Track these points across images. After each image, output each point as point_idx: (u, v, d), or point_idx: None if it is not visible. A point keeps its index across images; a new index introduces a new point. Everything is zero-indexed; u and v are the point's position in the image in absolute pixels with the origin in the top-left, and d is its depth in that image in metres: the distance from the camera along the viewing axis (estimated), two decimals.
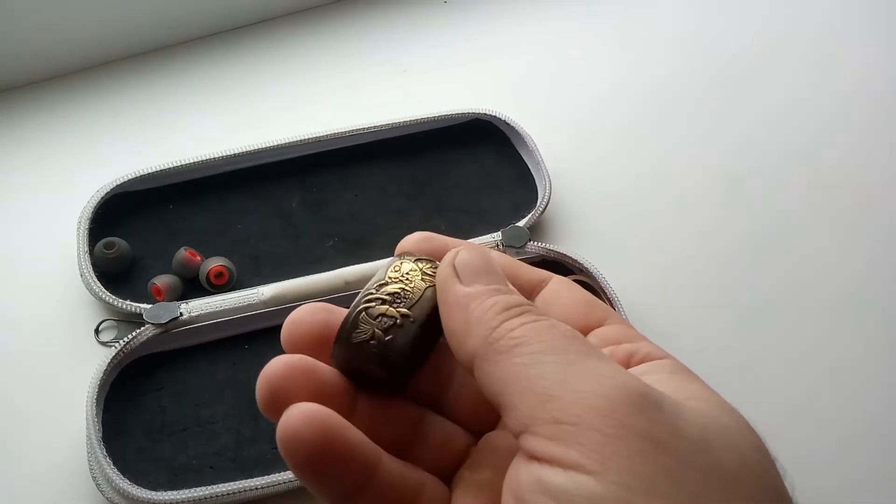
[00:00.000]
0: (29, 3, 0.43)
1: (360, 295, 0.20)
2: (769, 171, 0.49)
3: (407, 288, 0.20)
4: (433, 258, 0.21)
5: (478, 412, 0.21)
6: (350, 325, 0.19)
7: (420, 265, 0.21)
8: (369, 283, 0.20)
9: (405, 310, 0.19)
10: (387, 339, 0.19)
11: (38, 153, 0.44)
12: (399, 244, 0.22)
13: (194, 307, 0.37)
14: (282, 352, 0.38)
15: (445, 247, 0.22)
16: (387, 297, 0.19)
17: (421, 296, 0.20)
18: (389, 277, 0.20)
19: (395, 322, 0.19)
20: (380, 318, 0.19)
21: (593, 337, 0.21)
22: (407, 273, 0.20)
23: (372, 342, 0.19)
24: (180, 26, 0.50)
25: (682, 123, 0.51)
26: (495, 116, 0.46)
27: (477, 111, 0.46)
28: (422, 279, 0.20)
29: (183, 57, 0.50)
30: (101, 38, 0.48)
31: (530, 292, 0.22)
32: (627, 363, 0.20)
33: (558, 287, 0.22)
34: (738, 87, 0.53)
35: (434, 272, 0.20)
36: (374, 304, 0.19)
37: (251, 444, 0.35)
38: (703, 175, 0.48)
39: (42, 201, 0.42)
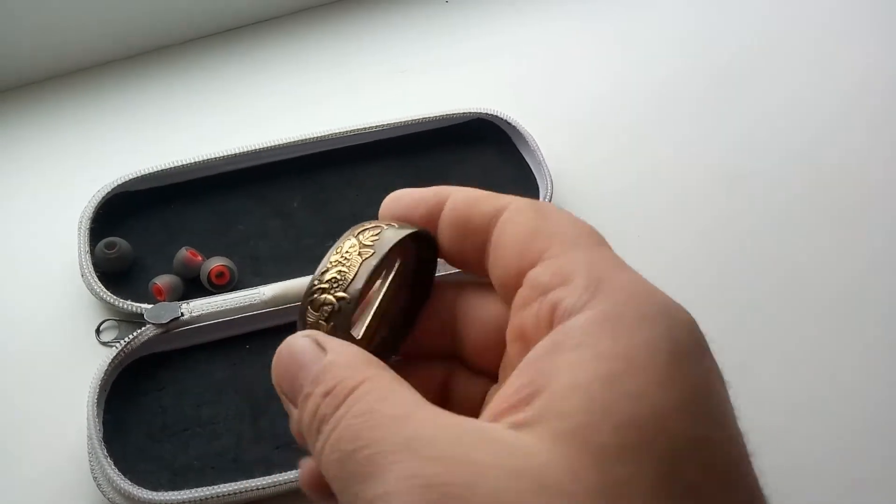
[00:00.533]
0: (29, 3, 0.43)
1: (305, 287, 0.19)
2: (770, 170, 0.49)
3: (344, 268, 0.19)
4: (396, 222, 0.21)
5: (490, 352, 0.20)
6: (299, 321, 0.19)
7: (360, 237, 0.20)
8: (314, 274, 0.20)
9: (341, 293, 0.19)
10: (329, 326, 0.19)
11: (38, 153, 0.44)
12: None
13: (195, 307, 0.37)
14: None
15: (414, 203, 0.21)
16: (325, 286, 0.19)
17: (356, 273, 0.19)
18: (330, 263, 0.19)
19: (334, 308, 0.19)
20: (321, 308, 0.19)
21: (525, 285, 0.18)
22: (346, 252, 0.20)
23: None
24: (181, 26, 0.50)
25: (684, 123, 0.51)
26: (497, 116, 0.46)
27: (478, 111, 0.46)
28: (358, 254, 0.19)
29: (183, 57, 0.50)
30: (101, 38, 0.48)
31: (486, 231, 0.20)
32: (551, 324, 0.17)
33: (504, 223, 0.19)
34: (739, 87, 0.53)
35: (373, 241, 0.19)
36: (316, 294, 0.19)
37: (252, 445, 0.35)
38: (705, 174, 0.48)
39: (43, 201, 0.42)
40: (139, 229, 0.40)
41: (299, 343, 0.18)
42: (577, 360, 0.15)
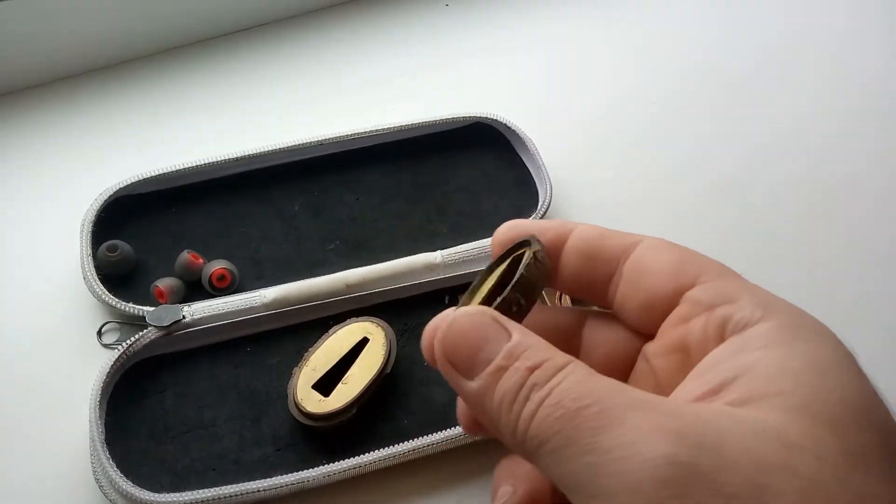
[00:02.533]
0: (30, 7, 0.44)
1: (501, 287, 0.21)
2: (773, 181, 0.49)
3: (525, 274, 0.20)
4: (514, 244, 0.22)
5: (643, 313, 0.21)
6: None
7: (536, 254, 0.21)
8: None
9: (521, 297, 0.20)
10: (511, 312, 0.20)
11: (40, 156, 0.45)
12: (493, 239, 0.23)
13: (197, 310, 0.37)
14: (283, 355, 0.39)
15: (539, 229, 0.22)
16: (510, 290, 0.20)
17: (534, 283, 0.20)
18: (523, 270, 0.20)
19: (519, 304, 0.20)
20: (506, 303, 0.20)
21: (685, 303, 0.20)
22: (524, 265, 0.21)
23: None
24: (181, 30, 0.50)
25: (686, 130, 0.51)
26: (496, 120, 0.46)
27: (478, 115, 0.46)
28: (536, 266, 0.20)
29: (184, 61, 0.50)
30: (102, 42, 0.48)
31: (617, 262, 0.21)
32: (722, 335, 0.18)
33: (644, 253, 0.21)
34: (744, 96, 0.53)
35: (542, 258, 0.21)
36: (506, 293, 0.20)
37: (253, 447, 0.35)
38: (706, 183, 0.48)
39: (45, 204, 0.43)
40: (141, 232, 0.41)
41: (479, 318, 0.18)
42: (775, 356, 0.17)
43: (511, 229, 0.23)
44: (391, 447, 0.34)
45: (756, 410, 0.16)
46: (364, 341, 0.36)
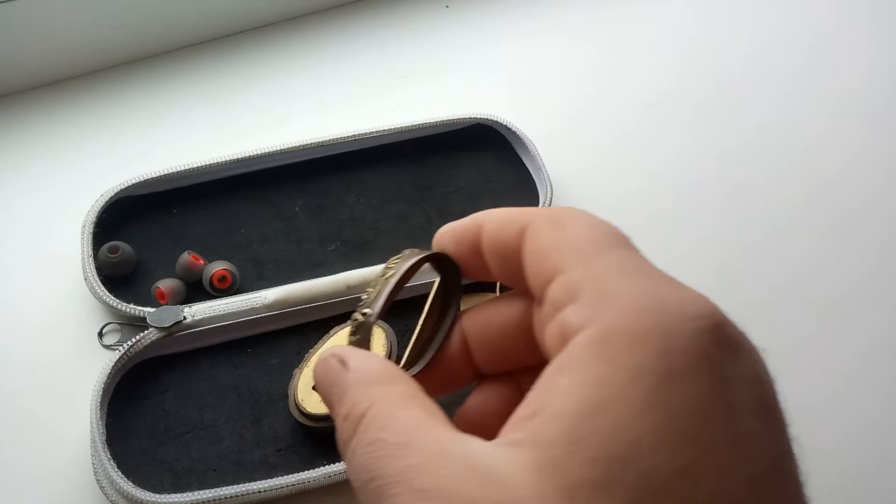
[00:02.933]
0: (32, 8, 0.44)
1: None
2: (769, 178, 0.49)
3: (371, 288, 0.21)
4: (423, 251, 0.22)
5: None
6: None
7: (388, 262, 0.22)
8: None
9: (366, 309, 0.21)
10: (355, 339, 0.21)
11: (41, 158, 0.45)
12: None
13: (197, 311, 0.37)
14: (283, 356, 0.39)
15: (457, 236, 0.22)
16: (359, 306, 0.21)
17: (377, 291, 0.21)
18: (368, 287, 0.22)
19: (358, 322, 0.21)
20: (351, 324, 0.21)
21: (546, 305, 0.18)
22: (378, 276, 0.22)
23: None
24: (182, 31, 0.50)
25: (684, 130, 0.51)
26: (496, 121, 0.46)
27: (478, 116, 0.46)
28: (383, 276, 0.21)
29: (185, 62, 0.50)
30: (102, 43, 0.48)
31: (518, 251, 0.20)
32: (563, 343, 0.16)
33: (527, 238, 0.19)
34: (740, 94, 0.53)
35: (395, 264, 0.21)
36: (352, 314, 0.21)
37: (254, 448, 0.35)
38: (704, 181, 0.48)
39: (46, 205, 0.43)
40: (142, 233, 0.41)
41: (327, 362, 0.19)
42: (568, 386, 0.15)
43: (440, 236, 0.22)
44: None
45: (517, 463, 0.15)
46: None
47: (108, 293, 0.38)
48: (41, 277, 0.40)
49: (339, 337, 0.37)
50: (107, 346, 0.38)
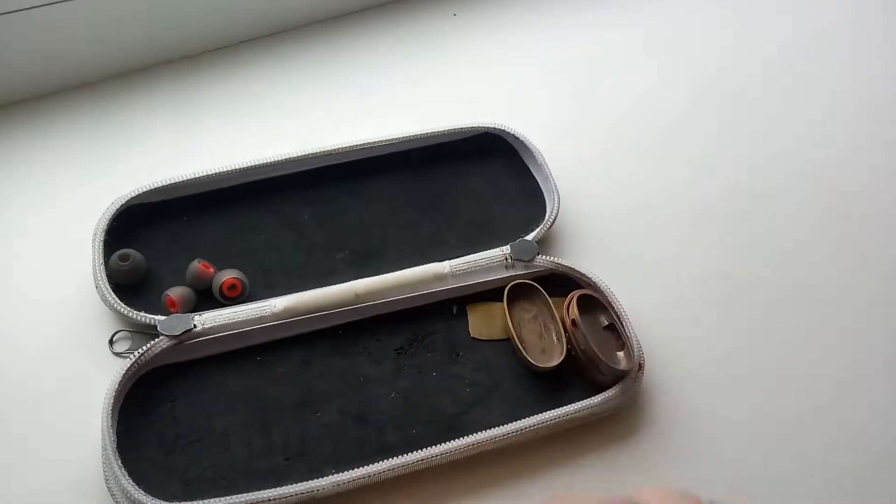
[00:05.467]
0: (44, 17, 0.44)
1: None
2: (779, 188, 0.49)
3: None
4: None
5: None
6: None
7: None
8: None
9: None
10: None
11: (52, 166, 0.45)
12: None
13: (207, 319, 0.37)
14: (292, 364, 0.39)
15: None
16: None
17: None
18: None
19: None
20: None
21: None
22: None
23: None
24: (190, 39, 0.51)
25: (694, 140, 0.51)
26: (504, 130, 0.46)
27: (486, 125, 0.46)
28: None
29: (195, 70, 0.51)
30: (113, 51, 0.49)
31: None
32: None
33: None
34: (754, 106, 0.53)
35: None
36: None
37: (263, 456, 0.35)
38: (712, 191, 0.48)
39: (57, 214, 0.43)
40: (152, 241, 0.41)
41: None
42: None
43: None
44: (401, 457, 0.34)
45: None
46: None
47: (118, 301, 0.38)
48: (52, 285, 0.40)
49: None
50: (117, 354, 0.38)
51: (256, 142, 0.47)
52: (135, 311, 0.38)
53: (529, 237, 0.43)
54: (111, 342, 0.38)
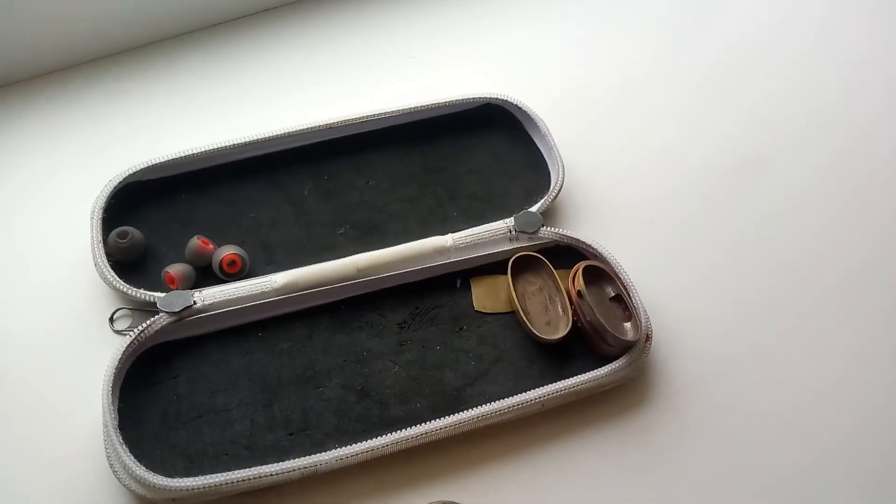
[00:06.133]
0: None
1: None
2: (782, 153, 0.48)
3: None
4: None
5: None
6: None
7: None
8: None
9: None
10: None
11: (50, 145, 0.45)
12: None
13: (207, 295, 0.37)
14: (293, 340, 0.38)
15: None
16: None
17: None
18: None
19: None
20: None
21: None
22: None
23: None
24: (189, 15, 0.50)
25: (697, 106, 0.50)
26: (507, 101, 0.45)
27: (488, 96, 0.45)
28: None
29: (192, 46, 0.50)
30: (110, 29, 0.48)
31: None
32: None
33: None
34: (750, 70, 0.52)
35: None
36: None
37: (266, 432, 0.35)
38: (717, 158, 0.47)
39: (55, 192, 0.43)
40: (151, 218, 0.41)
41: None
42: None
43: None
44: (404, 430, 0.34)
45: None
46: None
47: (117, 278, 0.37)
48: (51, 264, 0.40)
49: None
50: (118, 332, 0.38)
51: (255, 117, 0.46)
52: (134, 289, 0.37)
53: (534, 209, 0.42)
54: (111, 320, 0.38)
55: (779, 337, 0.41)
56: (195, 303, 0.37)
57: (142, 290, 0.37)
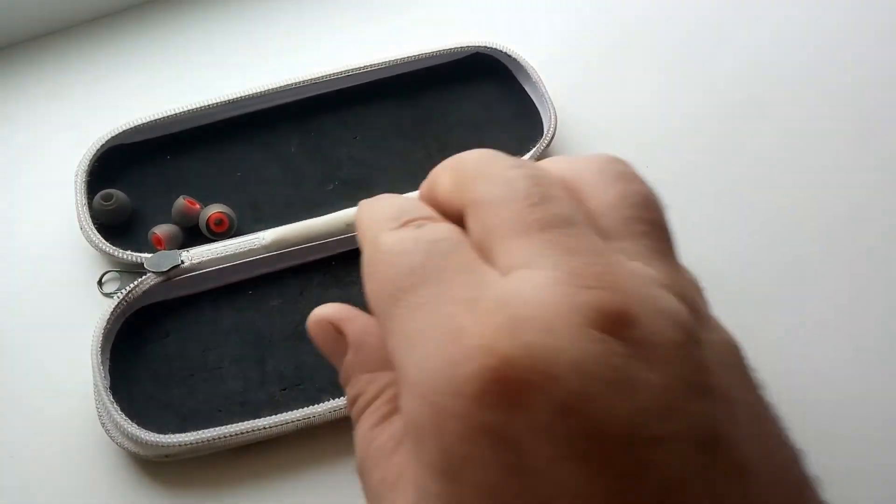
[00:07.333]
0: None
1: None
2: (780, 90, 0.47)
3: None
4: None
5: None
6: None
7: None
8: None
9: None
10: None
11: (31, 108, 0.44)
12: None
13: (195, 254, 0.36)
14: (284, 297, 0.38)
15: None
16: None
17: None
18: None
19: None
20: None
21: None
22: None
23: None
24: None
25: (689, 47, 0.48)
26: (496, 49, 0.44)
27: (477, 44, 0.44)
28: None
29: (173, 5, 0.49)
30: None
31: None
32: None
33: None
34: (745, 7, 0.50)
35: None
36: None
37: (259, 388, 0.34)
38: (713, 100, 0.46)
39: (37, 155, 0.42)
40: (136, 181, 0.40)
41: (322, 328, 0.20)
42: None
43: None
44: None
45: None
46: None
47: (104, 241, 0.37)
48: (36, 229, 0.39)
49: None
50: (107, 295, 0.37)
51: (239, 74, 0.45)
52: (121, 251, 0.37)
53: (526, 157, 0.41)
54: (100, 283, 0.37)
55: (789, 281, 0.40)
56: (183, 262, 0.36)
57: (129, 252, 0.37)
